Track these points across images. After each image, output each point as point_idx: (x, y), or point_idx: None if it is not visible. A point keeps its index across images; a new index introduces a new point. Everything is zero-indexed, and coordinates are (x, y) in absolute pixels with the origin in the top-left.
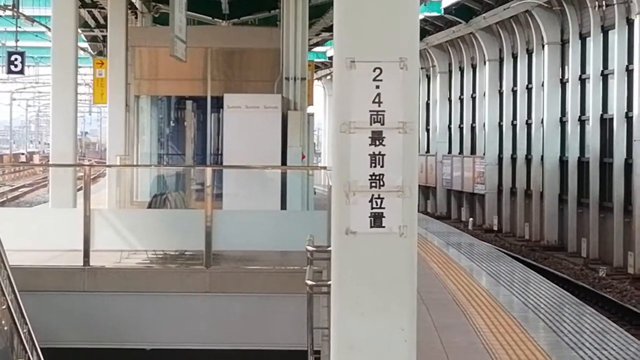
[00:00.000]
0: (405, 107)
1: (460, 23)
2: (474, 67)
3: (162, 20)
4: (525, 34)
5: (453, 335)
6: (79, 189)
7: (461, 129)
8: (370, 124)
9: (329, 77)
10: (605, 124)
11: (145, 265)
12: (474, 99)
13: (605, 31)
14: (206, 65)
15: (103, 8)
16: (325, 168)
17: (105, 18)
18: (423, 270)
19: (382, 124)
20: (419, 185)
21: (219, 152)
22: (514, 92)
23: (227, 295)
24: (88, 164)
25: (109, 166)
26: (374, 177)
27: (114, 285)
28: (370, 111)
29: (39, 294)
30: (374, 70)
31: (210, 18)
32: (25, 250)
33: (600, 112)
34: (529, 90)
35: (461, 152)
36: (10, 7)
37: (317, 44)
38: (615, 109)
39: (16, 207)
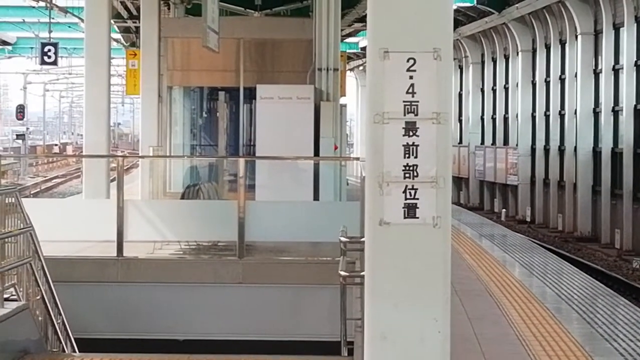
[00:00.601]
0: (439, 98)
1: (493, 13)
2: (506, 58)
3: (195, 11)
4: (558, 25)
5: (486, 326)
6: (112, 180)
7: (494, 119)
8: (404, 115)
9: (361, 67)
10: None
11: (178, 256)
12: (506, 89)
13: (639, 21)
14: (239, 56)
15: None
16: (358, 159)
17: (138, 9)
18: (456, 261)
19: (416, 115)
20: (452, 176)
21: (252, 143)
22: (547, 83)
23: (260, 286)
24: (121, 155)
25: (142, 157)
26: (407, 168)
27: (147, 276)
28: (404, 102)
29: (73, 284)
30: (408, 61)
31: (243, 9)
32: (59, 241)
33: (634, 103)
34: (562, 80)
35: (494, 143)
36: None
37: (349, 35)
38: None
39: (50, 198)
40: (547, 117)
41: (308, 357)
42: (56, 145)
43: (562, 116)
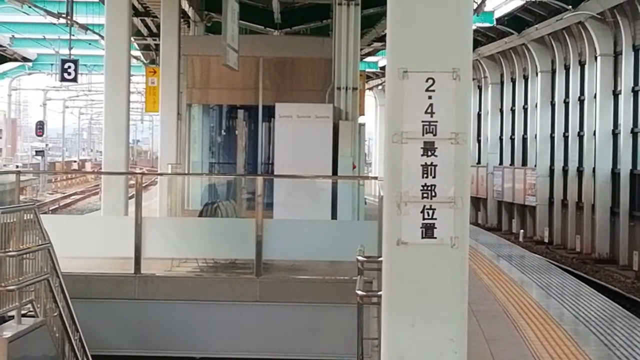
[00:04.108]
0: (457, 118)
1: (513, 34)
2: (525, 78)
3: (215, 29)
4: (577, 46)
5: (503, 347)
6: (130, 197)
7: (512, 140)
8: (423, 135)
9: (380, 87)
10: None
11: (196, 273)
12: (525, 110)
13: None
14: (258, 74)
15: (156, 17)
16: (376, 178)
17: (158, 27)
18: (473, 282)
19: (435, 135)
20: (470, 197)
21: (270, 161)
22: (566, 104)
23: (277, 304)
24: (140, 172)
25: (161, 174)
26: (425, 188)
27: (164, 293)
28: (423, 121)
29: (90, 301)
30: (427, 81)
31: (263, 27)
32: (77, 258)
33: None
34: (581, 101)
35: (512, 163)
36: (65, 16)
37: (368, 54)
38: None
39: (68, 214)
40: (565, 138)
41: None
42: (75, 161)
43: (580, 137)
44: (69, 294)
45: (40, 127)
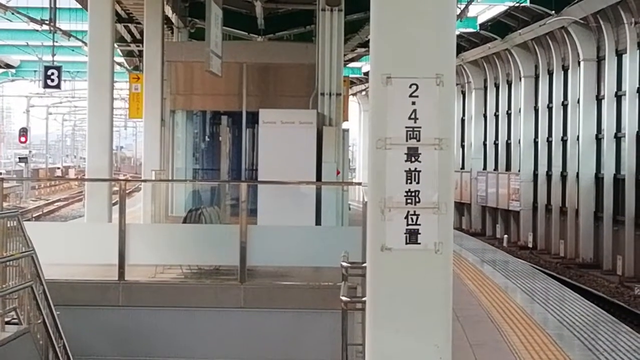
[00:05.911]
0: (441, 124)
1: (496, 39)
2: (509, 84)
3: (198, 35)
4: (561, 51)
5: (488, 352)
6: (114, 204)
7: (496, 145)
8: (406, 140)
9: (364, 92)
10: None
11: (180, 280)
12: (509, 115)
13: None
14: (241, 80)
15: (139, 23)
16: (360, 184)
17: (141, 33)
18: (458, 287)
19: (418, 140)
20: (454, 202)
21: (254, 168)
22: (550, 109)
23: (261, 310)
24: (123, 179)
25: (144, 181)
26: (409, 194)
27: (148, 300)
28: (406, 127)
29: (74, 308)
30: (410, 87)
31: (246, 33)
32: (61, 265)
33: (637, 129)
34: (565, 106)
35: (496, 168)
36: (48, 22)
37: (352, 60)
38: None
39: (52, 221)
40: (549, 143)
41: None
42: (59, 168)
43: (564, 142)
44: (53, 301)
45: (23, 133)
